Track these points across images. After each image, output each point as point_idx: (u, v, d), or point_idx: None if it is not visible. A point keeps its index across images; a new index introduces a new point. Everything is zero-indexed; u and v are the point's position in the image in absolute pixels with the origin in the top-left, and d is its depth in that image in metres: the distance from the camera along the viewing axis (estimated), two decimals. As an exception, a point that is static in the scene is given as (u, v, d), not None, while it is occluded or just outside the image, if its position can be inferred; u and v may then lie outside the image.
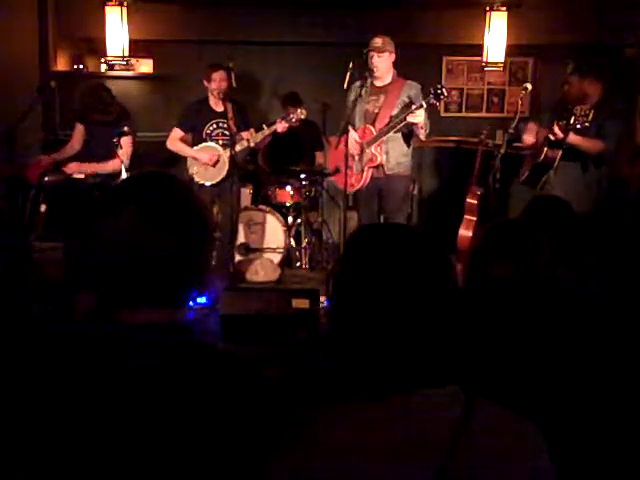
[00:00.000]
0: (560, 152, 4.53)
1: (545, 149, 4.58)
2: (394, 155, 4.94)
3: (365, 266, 1.13)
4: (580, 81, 4.64)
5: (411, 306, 1.09)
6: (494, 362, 1.76)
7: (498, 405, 1.12)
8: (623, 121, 4.87)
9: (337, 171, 5.18)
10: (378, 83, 4.97)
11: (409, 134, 4.91)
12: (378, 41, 4.84)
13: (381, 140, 4.89)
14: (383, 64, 4.87)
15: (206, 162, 5.33)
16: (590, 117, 4.27)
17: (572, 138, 4.39)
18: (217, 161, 5.34)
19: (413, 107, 4.71)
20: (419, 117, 4.69)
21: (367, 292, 1.11)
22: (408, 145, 4.98)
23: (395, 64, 4.97)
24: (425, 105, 4.67)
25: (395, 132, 4.86)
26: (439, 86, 4.71)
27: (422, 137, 4.92)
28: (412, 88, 4.88)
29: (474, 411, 1.07)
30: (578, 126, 4.28)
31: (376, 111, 4.94)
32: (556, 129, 4.37)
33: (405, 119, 4.73)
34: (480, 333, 1.78)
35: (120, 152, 4.97)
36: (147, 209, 1.19)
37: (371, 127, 4.94)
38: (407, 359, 1.10)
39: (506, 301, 1.97)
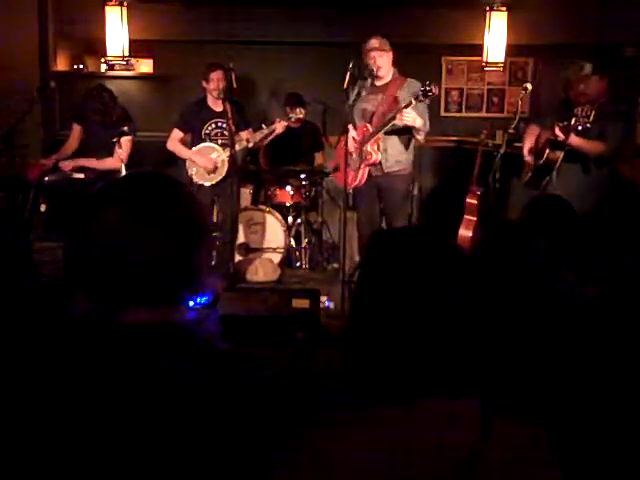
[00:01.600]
0: (562, 154, 4.51)
1: (547, 151, 4.56)
2: (392, 153, 4.92)
3: (386, 271, 1.12)
4: (599, 81, 4.60)
5: (432, 311, 1.08)
6: (496, 365, 1.75)
7: (514, 420, 1.10)
8: (624, 122, 4.84)
9: (336, 169, 5.18)
10: (378, 82, 4.96)
11: (405, 133, 4.85)
12: (375, 41, 4.83)
13: (377, 138, 4.86)
14: (384, 63, 4.87)
15: (203, 167, 5.35)
16: (591, 118, 4.25)
17: (573, 140, 4.37)
18: (215, 167, 5.35)
19: (402, 105, 4.67)
20: (408, 117, 4.61)
21: (388, 297, 1.10)
22: (406, 145, 4.93)
23: (395, 63, 4.97)
24: (414, 102, 4.61)
25: (386, 131, 4.82)
26: (427, 83, 4.63)
27: (420, 139, 4.86)
28: (413, 86, 4.79)
29: (492, 430, 1.06)
30: (579, 127, 4.26)
31: (374, 109, 4.93)
32: (557, 131, 4.36)
33: (395, 118, 4.70)
34: (481, 336, 1.77)
35: (119, 151, 4.97)
36: (136, 207, 1.18)
37: (368, 125, 4.93)
38: (426, 366, 1.08)
39: (506, 303, 1.97)
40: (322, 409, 1.13)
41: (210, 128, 5.39)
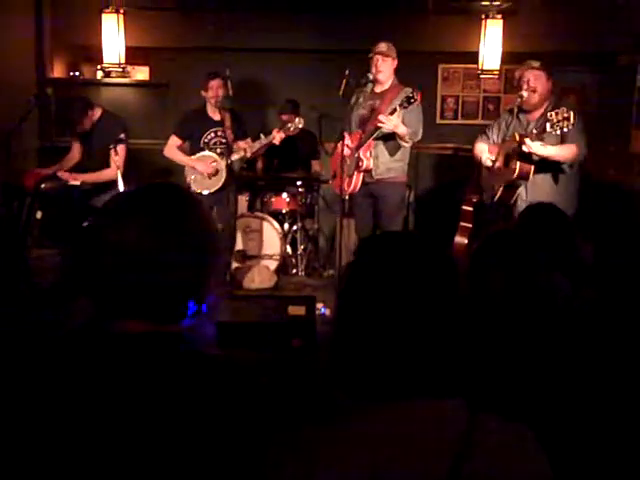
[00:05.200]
0: (532, 166, 4.29)
1: (518, 164, 4.32)
2: (383, 160, 4.92)
3: (372, 275, 1.13)
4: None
5: (417, 314, 1.09)
6: (491, 371, 1.76)
7: (500, 420, 1.10)
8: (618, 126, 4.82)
9: (334, 176, 5.19)
10: (378, 89, 4.99)
11: (393, 140, 4.86)
12: (383, 45, 4.88)
13: (369, 144, 4.88)
14: (386, 69, 4.90)
15: (203, 172, 5.34)
16: (572, 120, 3.94)
17: (542, 149, 4.17)
18: (215, 172, 5.34)
19: (387, 112, 4.69)
20: (388, 123, 4.63)
21: (373, 300, 1.11)
22: (394, 152, 4.93)
23: (396, 72, 4.99)
24: (398, 109, 4.64)
25: (375, 138, 4.83)
26: (411, 90, 4.68)
27: (406, 146, 4.88)
28: (406, 93, 4.86)
29: (475, 432, 1.06)
30: (558, 132, 4.05)
31: (368, 115, 4.95)
32: (530, 144, 4.14)
33: (378, 125, 4.72)
34: (476, 343, 1.78)
35: (115, 158, 4.97)
36: (154, 220, 1.18)
37: (361, 132, 4.95)
38: (411, 367, 1.09)
39: (503, 310, 1.98)
40: (314, 414, 1.13)
41: (209, 137, 5.38)
